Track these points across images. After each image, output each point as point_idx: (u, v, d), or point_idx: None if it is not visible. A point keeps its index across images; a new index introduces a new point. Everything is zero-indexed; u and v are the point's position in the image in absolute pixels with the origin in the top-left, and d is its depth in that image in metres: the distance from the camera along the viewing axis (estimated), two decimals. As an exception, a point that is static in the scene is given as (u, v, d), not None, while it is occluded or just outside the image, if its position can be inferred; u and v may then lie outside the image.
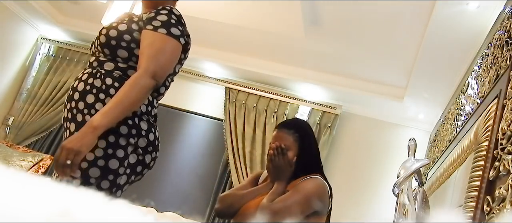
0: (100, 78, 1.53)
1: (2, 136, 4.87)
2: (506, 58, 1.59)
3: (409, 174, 2.15)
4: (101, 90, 1.52)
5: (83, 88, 1.54)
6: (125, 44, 1.55)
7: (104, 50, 1.58)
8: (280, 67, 4.28)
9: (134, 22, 1.60)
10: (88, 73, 1.57)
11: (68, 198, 0.46)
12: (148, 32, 1.53)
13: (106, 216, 0.45)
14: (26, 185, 0.46)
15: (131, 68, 1.56)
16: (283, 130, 1.85)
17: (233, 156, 4.34)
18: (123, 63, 1.56)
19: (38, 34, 5.22)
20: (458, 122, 2.46)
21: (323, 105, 4.34)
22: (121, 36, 1.55)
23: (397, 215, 2.14)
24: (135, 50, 1.55)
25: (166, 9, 1.58)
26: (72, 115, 1.53)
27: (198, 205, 4.37)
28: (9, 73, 5.03)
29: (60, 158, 1.35)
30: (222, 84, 4.64)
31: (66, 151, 1.34)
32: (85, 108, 1.51)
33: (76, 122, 1.51)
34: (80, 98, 1.52)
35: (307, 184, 1.73)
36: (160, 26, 1.53)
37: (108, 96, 1.50)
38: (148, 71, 1.47)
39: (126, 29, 1.57)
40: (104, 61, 1.57)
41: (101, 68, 1.56)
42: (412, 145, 2.30)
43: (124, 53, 1.56)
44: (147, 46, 1.51)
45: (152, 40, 1.51)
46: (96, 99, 1.51)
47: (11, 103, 5.07)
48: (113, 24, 1.61)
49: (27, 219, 0.40)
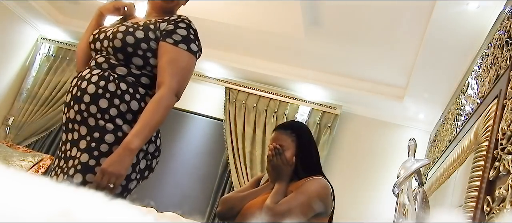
0: (114, 83, 1.51)
1: (2, 136, 4.87)
2: (506, 58, 1.59)
3: (409, 174, 2.15)
4: (116, 96, 1.50)
5: (94, 91, 1.50)
6: (141, 52, 1.55)
7: (117, 54, 1.55)
8: (280, 67, 4.28)
9: (150, 30, 1.57)
10: (97, 75, 1.53)
11: (68, 198, 0.46)
12: (169, 46, 1.54)
13: (106, 216, 0.45)
14: (26, 185, 0.46)
15: (144, 76, 1.56)
16: (280, 131, 1.87)
17: (233, 156, 4.34)
18: (136, 70, 1.56)
19: (38, 34, 5.22)
20: (458, 122, 2.46)
21: (323, 105, 4.34)
22: (138, 44, 1.54)
23: (397, 215, 2.14)
24: (150, 59, 1.56)
25: (184, 22, 1.59)
26: (82, 118, 1.50)
27: (198, 205, 4.37)
28: (9, 73, 5.03)
29: (102, 181, 1.39)
30: (222, 84, 4.64)
31: (108, 175, 1.39)
32: (98, 113, 1.49)
33: (88, 126, 1.49)
34: (92, 102, 1.49)
35: (311, 185, 1.73)
36: (181, 41, 1.55)
37: (123, 103, 1.50)
38: (172, 89, 1.51)
39: (143, 37, 1.55)
40: (116, 65, 1.55)
41: (112, 71, 1.54)
42: (412, 145, 2.30)
43: (139, 61, 1.56)
44: (169, 62, 1.53)
45: (173, 56, 1.54)
46: (110, 105, 1.49)
47: (11, 103, 5.07)
48: (130, 29, 1.56)
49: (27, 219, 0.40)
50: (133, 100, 1.53)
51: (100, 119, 1.48)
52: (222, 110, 4.58)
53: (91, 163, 1.45)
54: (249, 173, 4.24)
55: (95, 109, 1.49)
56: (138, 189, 1.61)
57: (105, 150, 1.46)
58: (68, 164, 1.49)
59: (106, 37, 1.59)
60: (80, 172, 1.45)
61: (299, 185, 1.74)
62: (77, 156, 1.47)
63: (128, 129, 1.49)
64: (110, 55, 1.57)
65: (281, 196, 1.71)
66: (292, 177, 1.81)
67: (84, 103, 1.50)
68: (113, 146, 1.46)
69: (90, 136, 1.48)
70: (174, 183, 4.53)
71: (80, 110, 1.50)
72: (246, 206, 1.79)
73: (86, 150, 1.47)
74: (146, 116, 1.46)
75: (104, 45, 1.59)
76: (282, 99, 4.43)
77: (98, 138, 1.47)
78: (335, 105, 4.31)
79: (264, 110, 4.42)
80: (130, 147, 1.42)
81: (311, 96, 4.40)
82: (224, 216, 1.87)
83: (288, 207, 1.65)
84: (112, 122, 1.49)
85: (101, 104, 1.49)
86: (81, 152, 1.47)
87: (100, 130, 1.48)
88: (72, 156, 1.49)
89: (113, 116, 1.49)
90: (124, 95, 1.51)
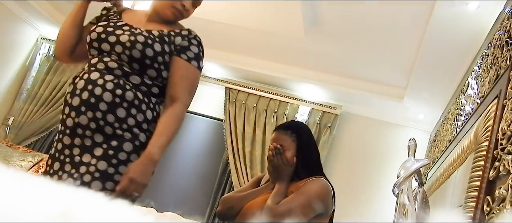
0: (131, 92, 1.53)
1: (2, 136, 4.87)
2: (506, 58, 1.59)
3: (409, 174, 2.15)
4: (133, 105, 1.53)
5: (111, 99, 1.50)
6: (157, 65, 1.59)
7: (133, 64, 1.56)
8: (280, 67, 4.28)
9: (166, 43, 1.62)
10: (112, 82, 1.52)
11: (68, 198, 0.46)
12: (183, 62, 1.62)
13: (106, 216, 0.45)
14: (26, 185, 0.46)
15: (155, 86, 1.61)
16: (281, 131, 1.87)
17: (233, 156, 4.34)
18: (148, 80, 1.60)
19: (38, 34, 5.22)
20: (458, 122, 2.46)
21: (323, 105, 4.34)
22: (156, 58, 1.58)
23: (397, 215, 2.14)
24: (163, 72, 1.62)
25: (196, 40, 1.67)
26: (98, 126, 1.50)
27: (198, 205, 4.37)
28: (9, 73, 5.03)
29: (128, 190, 1.44)
30: (222, 84, 4.64)
31: (135, 185, 1.45)
32: (115, 122, 1.50)
33: (104, 134, 1.50)
34: (109, 111, 1.50)
35: (312, 185, 1.73)
36: (193, 58, 1.65)
37: (140, 112, 1.54)
38: (186, 104, 1.62)
39: (160, 51, 1.59)
40: (130, 73, 1.56)
41: (127, 79, 1.55)
42: (412, 145, 2.30)
43: (153, 73, 1.60)
44: (183, 78, 1.62)
45: (186, 72, 1.63)
46: (127, 114, 1.52)
47: (11, 103, 5.07)
48: (149, 41, 1.57)
49: (27, 219, 0.40)
50: (148, 109, 1.58)
51: (118, 128, 1.51)
52: (222, 110, 4.58)
53: (110, 171, 1.47)
54: (249, 173, 4.24)
55: (113, 119, 1.50)
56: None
57: (123, 159, 1.49)
58: (80, 170, 1.48)
59: (119, 42, 1.57)
60: (99, 180, 1.46)
61: (299, 186, 1.74)
62: (92, 162, 1.47)
63: (144, 138, 1.54)
64: (123, 62, 1.56)
65: (281, 197, 1.71)
66: (292, 177, 1.81)
67: (100, 111, 1.49)
68: (131, 155, 1.51)
69: (107, 144, 1.50)
70: (174, 183, 4.53)
71: (95, 118, 1.50)
72: (246, 206, 1.79)
73: (103, 157, 1.48)
74: (166, 128, 1.54)
75: (116, 50, 1.56)
76: (282, 99, 4.42)
77: (116, 146, 1.50)
78: (335, 105, 4.31)
79: (264, 110, 4.42)
80: (155, 158, 1.49)
81: (311, 96, 4.40)
82: (224, 216, 1.88)
83: (289, 207, 1.65)
84: (129, 131, 1.52)
85: (119, 114, 1.51)
86: (97, 159, 1.48)
87: (117, 138, 1.50)
88: (85, 163, 1.48)
89: (130, 125, 1.52)
90: (141, 105, 1.56)
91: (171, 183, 4.53)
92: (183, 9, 1.68)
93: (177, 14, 1.69)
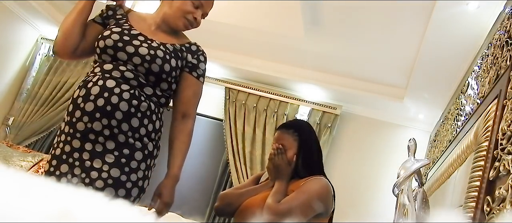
0: (146, 102, 1.57)
1: (2, 136, 4.87)
2: (506, 58, 1.59)
3: (409, 174, 2.15)
4: (146, 116, 1.57)
5: (127, 109, 1.52)
6: (170, 79, 1.65)
7: (150, 76, 1.60)
8: (280, 67, 4.28)
9: (179, 58, 1.68)
10: (129, 92, 1.53)
11: (68, 198, 0.46)
12: (193, 79, 1.72)
13: (106, 216, 0.45)
14: (26, 185, 0.46)
15: (163, 97, 1.66)
16: (283, 130, 1.87)
17: (233, 156, 4.34)
18: (160, 91, 1.64)
19: (38, 34, 5.21)
20: (458, 122, 2.46)
21: (323, 105, 4.34)
22: (171, 73, 1.64)
23: (397, 215, 2.14)
24: (173, 85, 1.69)
25: (204, 56, 1.76)
26: (112, 133, 1.51)
27: (198, 205, 4.37)
28: (9, 73, 5.03)
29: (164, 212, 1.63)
30: (222, 84, 4.64)
31: (168, 207, 1.63)
32: (129, 131, 1.53)
33: (117, 142, 1.52)
34: (124, 120, 1.52)
35: (312, 185, 1.73)
36: (201, 75, 1.75)
37: (150, 123, 1.59)
38: (194, 119, 1.75)
39: (175, 66, 1.65)
40: (144, 85, 1.59)
41: (141, 90, 1.58)
42: (412, 145, 2.30)
43: (165, 85, 1.65)
44: (194, 95, 1.72)
45: (197, 89, 1.73)
46: (140, 124, 1.56)
47: (11, 103, 5.07)
48: (167, 57, 1.61)
49: (27, 219, 0.40)
50: (157, 120, 1.63)
51: (130, 137, 1.54)
52: (222, 110, 4.58)
53: (123, 178, 1.52)
54: (249, 173, 4.24)
55: (127, 127, 1.53)
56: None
57: (134, 167, 1.54)
58: (91, 175, 1.49)
59: (138, 54, 1.57)
60: (112, 187, 1.50)
61: (300, 184, 1.74)
62: (104, 169, 1.50)
63: (152, 147, 1.60)
64: (139, 74, 1.58)
65: (282, 195, 1.71)
66: (293, 176, 1.81)
67: (115, 119, 1.51)
68: (141, 164, 1.56)
69: (119, 151, 1.52)
70: (174, 183, 4.53)
71: (109, 125, 1.51)
72: (245, 203, 1.80)
73: (116, 165, 1.51)
74: (185, 148, 1.69)
75: (134, 61, 1.57)
76: (282, 99, 4.42)
77: (128, 155, 1.53)
78: (335, 105, 4.31)
79: (264, 110, 4.42)
80: (178, 177, 1.65)
81: (311, 96, 4.40)
82: (222, 212, 1.89)
83: (290, 206, 1.65)
84: (140, 140, 1.56)
85: (133, 123, 1.54)
86: (109, 166, 1.50)
87: (129, 147, 1.53)
88: (96, 168, 1.49)
89: (142, 135, 1.57)
90: (152, 116, 1.60)
91: (171, 183, 4.52)
92: (194, 21, 1.72)
93: (188, 26, 1.72)
